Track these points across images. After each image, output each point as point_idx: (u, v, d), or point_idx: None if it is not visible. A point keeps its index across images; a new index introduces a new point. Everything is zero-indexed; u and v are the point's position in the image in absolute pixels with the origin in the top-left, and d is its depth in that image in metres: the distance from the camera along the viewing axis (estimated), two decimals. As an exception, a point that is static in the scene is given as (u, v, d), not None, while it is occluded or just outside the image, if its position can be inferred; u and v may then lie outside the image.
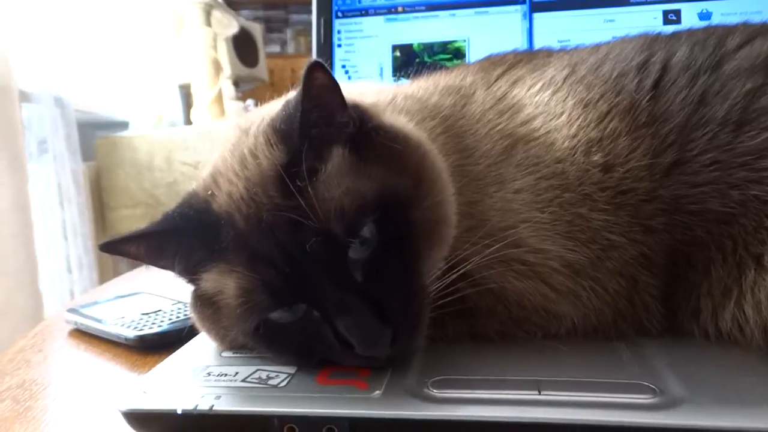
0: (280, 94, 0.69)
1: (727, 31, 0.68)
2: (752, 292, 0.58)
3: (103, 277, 2.45)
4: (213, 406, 0.50)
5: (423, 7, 1.18)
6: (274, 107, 0.62)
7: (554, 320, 0.63)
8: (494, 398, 0.49)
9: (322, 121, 0.57)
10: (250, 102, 3.23)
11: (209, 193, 0.59)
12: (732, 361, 0.57)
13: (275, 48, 5.57)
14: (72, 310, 0.89)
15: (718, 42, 0.67)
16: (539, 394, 0.49)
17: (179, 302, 0.90)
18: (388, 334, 0.52)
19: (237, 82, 3.40)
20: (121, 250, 0.59)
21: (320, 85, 0.56)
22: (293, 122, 0.56)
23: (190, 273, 0.60)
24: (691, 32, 0.71)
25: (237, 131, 0.63)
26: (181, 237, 0.59)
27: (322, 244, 0.53)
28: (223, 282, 0.57)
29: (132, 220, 2.62)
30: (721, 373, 0.54)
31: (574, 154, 0.65)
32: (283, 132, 0.57)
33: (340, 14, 1.20)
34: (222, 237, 0.56)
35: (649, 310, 0.63)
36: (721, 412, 0.46)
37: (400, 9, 1.19)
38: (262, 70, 3.67)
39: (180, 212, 0.59)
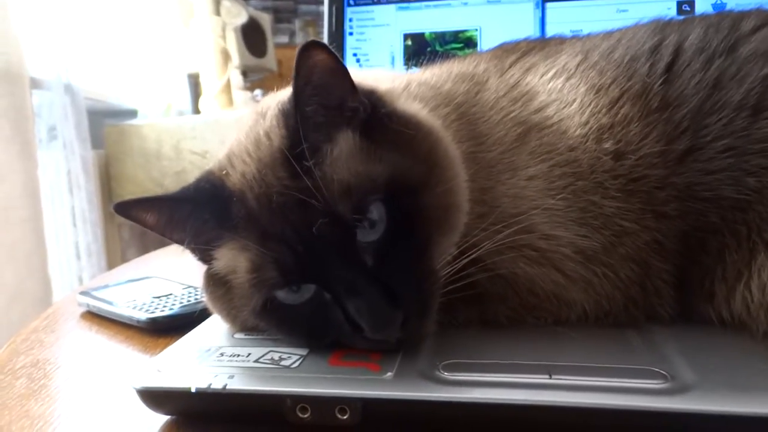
0: (288, 84, 0.69)
1: (741, 14, 0.67)
2: (759, 274, 0.58)
3: (111, 264, 2.46)
4: (226, 385, 0.50)
5: (435, -4, 1.18)
6: (289, 92, 0.63)
7: (565, 307, 0.63)
8: (505, 381, 0.49)
9: (317, 99, 0.56)
10: (258, 92, 3.24)
11: (224, 172, 0.59)
12: (742, 348, 0.57)
13: (284, 38, 5.56)
14: (84, 293, 0.90)
15: (732, 24, 0.65)
16: (550, 378, 0.50)
17: (190, 287, 0.91)
18: (398, 318, 0.53)
19: (245, 72, 3.40)
20: (133, 213, 0.59)
21: (313, 63, 0.55)
22: (291, 101, 0.56)
23: (199, 245, 0.60)
24: (704, 16, 0.70)
25: (254, 115, 0.63)
26: (193, 207, 0.59)
27: (330, 225, 0.53)
28: (235, 260, 0.57)
29: (140, 208, 2.63)
30: (732, 360, 0.54)
31: (585, 142, 0.64)
32: (285, 112, 0.58)
33: (352, 2, 1.20)
34: (234, 214, 0.57)
35: (661, 296, 0.63)
36: (731, 398, 0.46)
37: (412, -3, 1.18)
38: (270, 60, 3.67)
39: (195, 186, 0.60)
